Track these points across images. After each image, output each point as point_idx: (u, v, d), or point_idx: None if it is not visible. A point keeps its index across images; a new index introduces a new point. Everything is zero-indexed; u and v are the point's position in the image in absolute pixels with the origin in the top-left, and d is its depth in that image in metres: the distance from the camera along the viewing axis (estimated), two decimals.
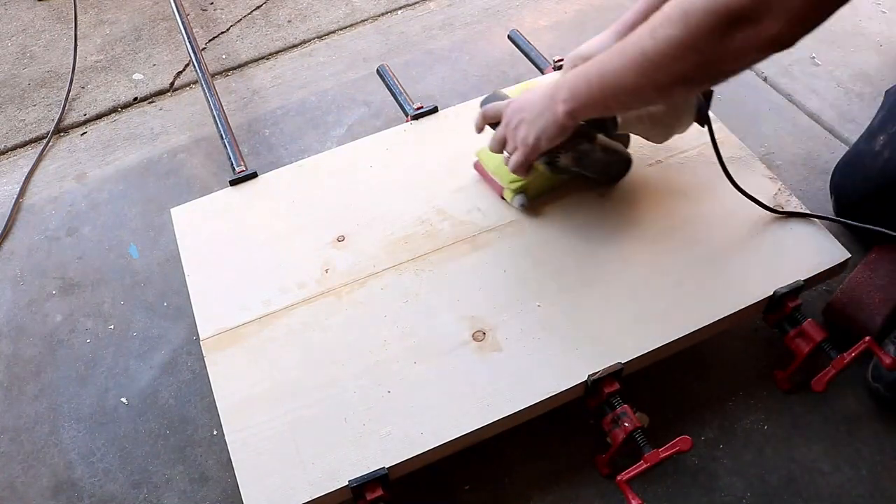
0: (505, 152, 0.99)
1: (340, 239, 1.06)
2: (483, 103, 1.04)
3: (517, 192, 1.04)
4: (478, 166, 1.10)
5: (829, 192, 1.21)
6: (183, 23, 1.51)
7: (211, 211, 1.13)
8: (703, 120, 1.00)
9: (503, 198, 1.06)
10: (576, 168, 1.00)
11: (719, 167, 1.01)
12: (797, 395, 1.05)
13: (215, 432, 1.09)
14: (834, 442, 1.01)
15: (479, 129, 1.03)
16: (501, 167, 1.03)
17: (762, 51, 0.70)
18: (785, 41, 0.68)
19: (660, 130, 1.00)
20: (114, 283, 1.29)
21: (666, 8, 0.73)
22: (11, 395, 1.16)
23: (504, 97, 1.01)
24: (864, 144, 1.15)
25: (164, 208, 1.37)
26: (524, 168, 0.96)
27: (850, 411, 1.03)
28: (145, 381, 1.15)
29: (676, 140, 1.05)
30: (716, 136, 1.00)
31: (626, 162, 1.04)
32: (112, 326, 1.23)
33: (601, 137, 1.00)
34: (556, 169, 1.00)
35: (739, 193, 1.02)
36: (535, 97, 0.91)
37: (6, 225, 1.39)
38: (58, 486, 1.06)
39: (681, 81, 0.76)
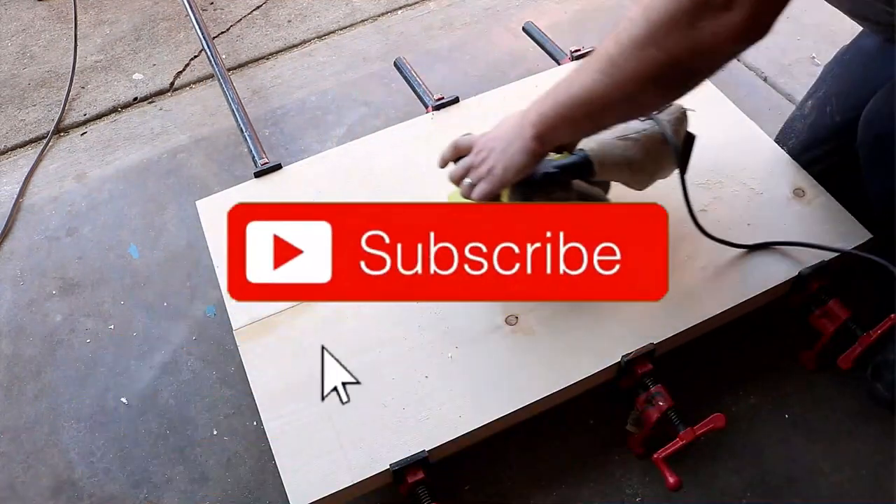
0: (466, 181, 0.89)
1: None
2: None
3: None
4: None
5: None
6: (196, 18, 1.49)
7: (237, 203, 1.12)
8: (682, 166, 0.94)
9: None
10: None
11: (737, 154, 1.04)
12: (797, 395, 1.05)
13: (215, 432, 1.09)
14: (834, 442, 1.01)
15: (443, 163, 0.94)
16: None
17: (733, 42, 0.67)
18: (756, 28, 0.65)
19: (641, 178, 0.96)
20: (114, 283, 1.29)
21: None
22: (11, 395, 1.16)
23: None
24: (797, 111, 1.19)
25: (165, 208, 1.38)
26: (488, 201, 0.88)
27: (850, 411, 1.03)
28: (145, 381, 1.15)
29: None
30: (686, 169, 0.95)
31: None
32: (112, 326, 1.23)
33: (577, 183, 0.94)
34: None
35: (759, 178, 1.07)
36: (507, 125, 0.85)
37: (6, 225, 1.39)
38: (58, 486, 1.06)
39: (651, 84, 0.73)
